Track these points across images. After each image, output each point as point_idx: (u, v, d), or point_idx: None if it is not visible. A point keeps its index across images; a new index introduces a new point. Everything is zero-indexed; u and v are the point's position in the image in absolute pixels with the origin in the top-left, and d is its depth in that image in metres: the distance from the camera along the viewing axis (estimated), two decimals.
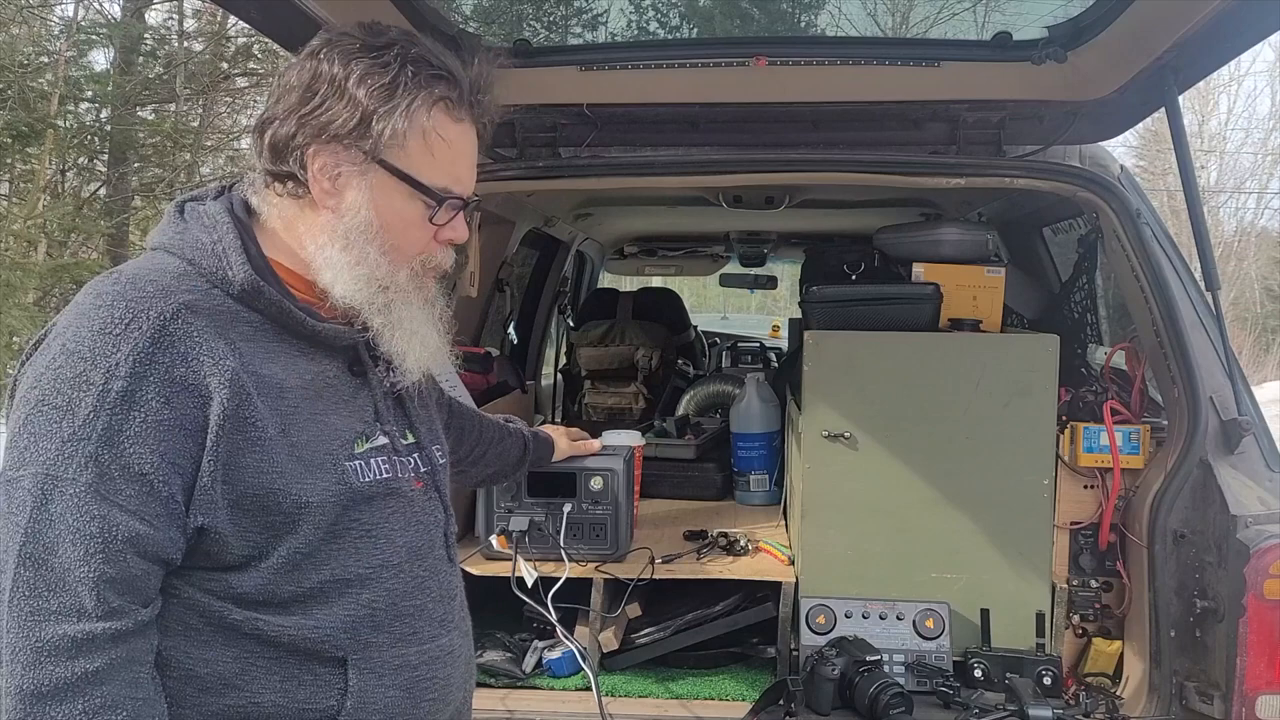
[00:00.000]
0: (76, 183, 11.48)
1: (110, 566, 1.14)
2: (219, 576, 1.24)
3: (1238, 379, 2.20)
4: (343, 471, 1.31)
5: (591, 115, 2.42)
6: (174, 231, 1.30)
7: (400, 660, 1.35)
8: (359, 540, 1.32)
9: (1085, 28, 2.10)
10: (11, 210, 9.39)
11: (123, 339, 1.16)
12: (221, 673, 1.24)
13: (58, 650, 1.12)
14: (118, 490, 1.15)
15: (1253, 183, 23.47)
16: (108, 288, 1.20)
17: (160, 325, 1.18)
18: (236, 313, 1.26)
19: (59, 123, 9.73)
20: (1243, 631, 1.96)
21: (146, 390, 1.16)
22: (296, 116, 1.29)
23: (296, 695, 1.27)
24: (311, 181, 1.30)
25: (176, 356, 1.18)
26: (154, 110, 11.85)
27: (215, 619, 1.24)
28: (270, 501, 1.24)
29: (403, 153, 1.31)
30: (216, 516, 1.21)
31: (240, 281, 1.26)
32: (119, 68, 11.09)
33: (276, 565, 1.26)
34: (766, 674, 2.33)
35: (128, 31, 11.15)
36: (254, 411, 1.22)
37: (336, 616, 1.30)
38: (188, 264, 1.26)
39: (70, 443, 1.14)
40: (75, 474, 1.14)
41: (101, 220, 10.29)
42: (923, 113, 2.40)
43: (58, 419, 1.15)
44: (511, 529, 2.32)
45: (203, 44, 12.36)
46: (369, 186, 1.31)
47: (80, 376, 1.15)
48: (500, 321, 3.75)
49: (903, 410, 2.32)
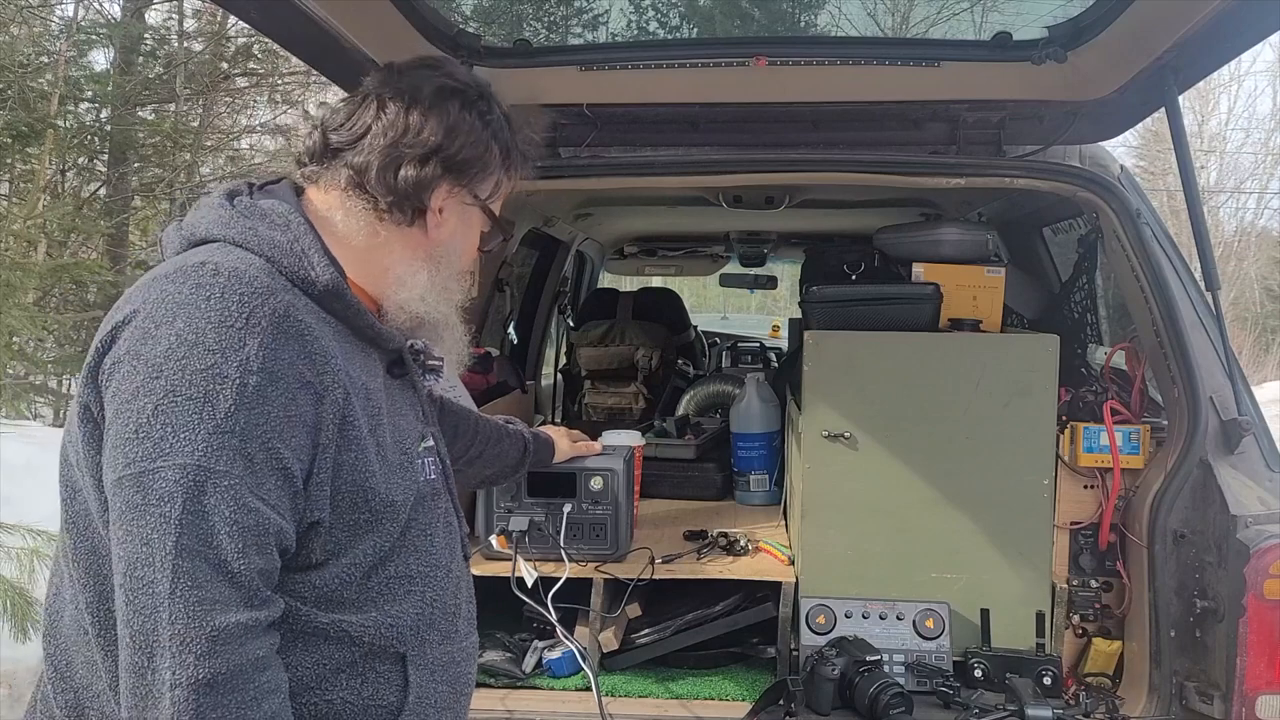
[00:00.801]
0: (76, 183, 11.47)
1: (262, 558, 1.17)
2: (302, 578, 1.26)
3: (1238, 379, 2.20)
4: (414, 470, 1.38)
5: (591, 115, 2.42)
6: (241, 226, 1.29)
7: (447, 657, 1.41)
8: (418, 539, 1.38)
9: (1085, 28, 2.10)
10: (11, 210, 9.38)
11: (247, 333, 1.17)
12: (303, 676, 1.27)
13: (232, 638, 1.13)
14: (262, 484, 1.17)
15: (1253, 183, 23.46)
16: (208, 279, 1.19)
17: (277, 321, 1.19)
18: (320, 314, 1.29)
19: (59, 123, 9.72)
20: (1243, 631, 1.96)
21: (276, 386, 1.18)
22: (440, 158, 1.39)
23: (364, 693, 1.31)
24: (430, 214, 1.41)
25: (297, 353, 1.20)
26: (154, 110, 11.84)
27: (300, 623, 1.26)
28: (361, 499, 1.28)
29: (495, 199, 1.50)
30: (324, 512, 1.25)
31: (324, 283, 1.28)
32: (119, 68, 11.08)
33: (357, 563, 1.29)
34: (766, 674, 2.33)
35: (128, 31, 11.14)
36: (352, 410, 1.26)
37: (407, 614, 1.35)
38: (266, 261, 1.26)
39: (217, 435, 1.14)
40: (228, 467, 1.14)
41: (101, 220, 10.27)
42: (923, 113, 2.40)
43: (196, 410, 1.14)
44: (511, 529, 2.32)
45: (203, 44, 12.35)
46: (465, 220, 1.47)
47: (213, 369, 1.15)
48: (500, 321, 3.75)
49: (903, 410, 2.32)
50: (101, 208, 10.84)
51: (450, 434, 1.95)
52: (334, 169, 1.38)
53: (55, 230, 9.61)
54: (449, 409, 1.97)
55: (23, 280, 7.77)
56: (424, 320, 1.44)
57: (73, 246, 10.42)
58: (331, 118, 1.41)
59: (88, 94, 10.76)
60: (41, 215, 9.02)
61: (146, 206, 11.58)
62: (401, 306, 1.42)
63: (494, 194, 1.49)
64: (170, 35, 12.45)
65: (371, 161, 1.36)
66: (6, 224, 8.54)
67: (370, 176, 1.36)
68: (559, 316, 4.80)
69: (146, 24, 11.96)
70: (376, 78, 1.43)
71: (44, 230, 9.28)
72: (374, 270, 1.41)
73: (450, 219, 1.44)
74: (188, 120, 12.20)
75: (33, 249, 9.20)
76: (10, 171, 10.11)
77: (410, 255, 1.42)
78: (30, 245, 9.18)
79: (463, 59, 2.25)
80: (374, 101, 1.39)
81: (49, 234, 9.54)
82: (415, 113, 1.38)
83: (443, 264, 1.45)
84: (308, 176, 1.41)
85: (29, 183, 9.92)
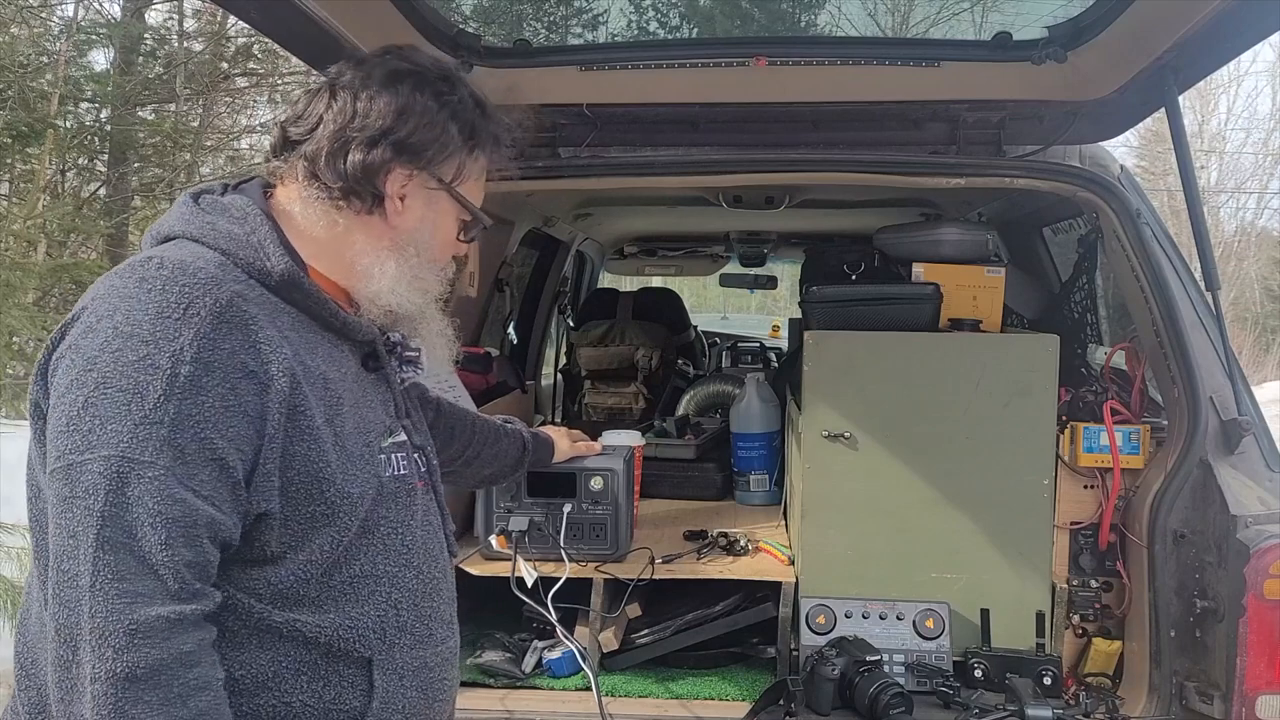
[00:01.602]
0: (76, 183, 11.47)
1: (190, 550, 1.14)
2: (257, 573, 1.25)
3: (1238, 379, 2.20)
4: (376, 464, 1.35)
5: (591, 115, 2.42)
6: (200, 221, 1.30)
7: (419, 662, 1.38)
8: (386, 537, 1.35)
9: (1085, 28, 2.10)
10: (11, 210, 9.39)
11: (184, 323, 1.16)
12: (256, 675, 1.25)
13: (152, 632, 1.11)
14: (192, 475, 1.15)
15: (1253, 183, 23.47)
16: (153, 272, 1.20)
17: (218, 311, 1.19)
18: (275, 304, 1.28)
19: (59, 123, 9.72)
20: (1243, 631, 1.96)
21: (213, 376, 1.17)
22: (390, 141, 1.35)
23: (325, 695, 1.29)
24: (389, 200, 1.38)
25: (238, 343, 1.19)
26: (154, 110, 11.84)
27: (254, 621, 1.25)
28: (316, 490, 1.26)
29: (464, 183, 1.45)
30: (272, 504, 1.23)
31: (280, 272, 1.28)
32: (119, 68, 11.08)
33: (313, 559, 1.27)
34: (766, 674, 2.33)
35: (128, 31, 11.14)
36: (304, 400, 1.24)
37: (368, 615, 1.32)
38: (222, 254, 1.27)
39: (144, 426, 1.13)
40: (153, 457, 1.13)
41: (101, 220, 10.27)
42: (923, 113, 2.40)
43: (125, 402, 1.14)
44: (511, 529, 2.32)
45: (203, 44, 12.35)
46: (432, 207, 1.43)
47: (145, 360, 1.15)
48: (500, 321, 3.74)
49: (903, 410, 2.32)
50: (101, 208, 10.84)
51: (447, 434, 1.95)
52: (292, 162, 1.38)
53: (55, 230, 9.61)
54: (446, 409, 1.96)
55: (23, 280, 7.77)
56: (398, 312, 1.41)
57: (73, 246, 10.42)
58: (290, 111, 1.41)
59: (88, 94, 10.76)
60: (41, 215, 9.02)
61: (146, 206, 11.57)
62: (373, 299, 1.39)
63: (459, 177, 1.44)
64: (170, 35, 12.45)
65: (322, 149, 1.35)
66: (6, 224, 8.54)
67: (321, 164, 1.35)
68: (559, 316, 4.79)
69: (146, 24, 11.96)
70: (335, 68, 1.42)
71: (44, 230, 9.28)
72: (341, 262, 1.39)
73: (414, 205, 1.41)
74: (188, 120, 12.20)
75: (33, 249, 9.20)
76: (10, 171, 10.11)
77: (374, 245, 1.39)
78: (30, 245, 9.18)
79: (462, 59, 2.25)
80: (328, 91, 1.38)
81: (49, 234, 9.54)
82: (364, 97, 1.36)
83: (410, 253, 1.41)
84: (273, 172, 1.41)
85: (29, 183, 9.92)
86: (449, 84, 1.41)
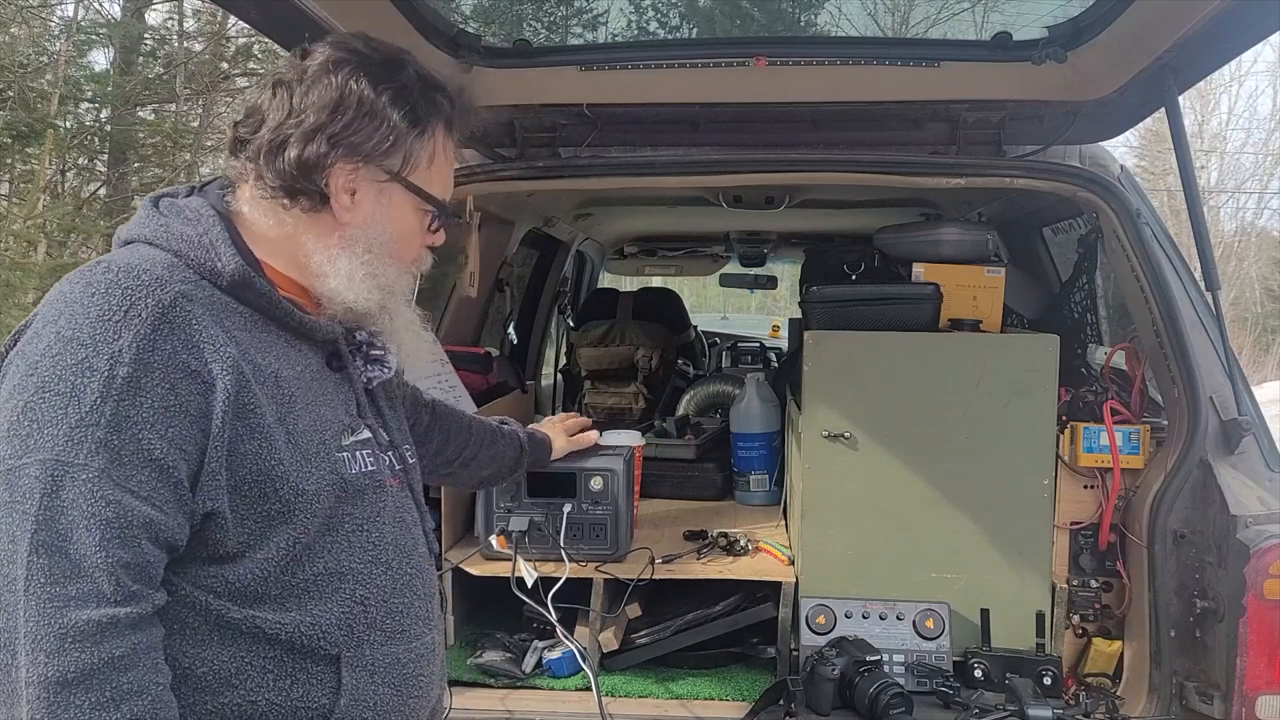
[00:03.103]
0: (76, 183, 11.48)
1: (125, 551, 1.14)
2: (215, 571, 1.24)
3: (1238, 379, 2.20)
4: (334, 461, 1.33)
5: (591, 115, 2.42)
6: (155, 224, 1.30)
7: (391, 658, 1.37)
8: (352, 534, 1.34)
9: (1085, 28, 2.10)
10: (11, 210, 9.39)
11: (124, 325, 1.16)
12: (218, 672, 1.24)
13: (83, 636, 1.10)
14: (129, 476, 1.15)
15: (1253, 183, 23.48)
16: (98, 276, 1.20)
17: (160, 312, 1.18)
18: (227, 304, 1.27)
19: (59, 123, 9.74)
20: (1243, 631, 1.96)
21: (152, 376, 1.16)
22: (326, 135, 1.32)
23: (291, 693, 1.28)
24: (334, 197, 1.34)
25: (179, 344, 1.19)
26: (154, 110, 11.85)
27: (213, 618, 1.24)
28: (269, 488, 1.25)
29: (418, 171, 1.39)
30: (220, 502, 1.22)
31: (230, 272, 1.27)
32: (119, 68, 11.09)
33: (273, 557, 1.26)
34: (766, 674, 2.33)
35: (128, 31, 11.15)
36: (253, 399, 1.24)
37: (332, 612, 1.30)
38: (174, 256, 1.27)
39: (79, 428, 1.13)
40: (87, 460, 1.13)
41: (101, 220, 10.28)
42: (923, 113, 2.40)
43: (62, 405, 1.14)
44: (511, 529, 2.32)
45: (203, 44, 12.36)
46: (385, 201, 1.38)
47: (83, 363, 1.15)
48: (500, 321, 3.75)
49: (903, 410, 2.32)
50: (101, 208, 10.84)
51: (443, 436, 1.94)
52: (243, 161, 1.36)
53: (55, 230, 9.62)
54: (441, 412, 1.96)
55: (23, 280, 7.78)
56: (357, 310, 1.38)
57: (73, 246, 10.43)
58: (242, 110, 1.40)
59: (88, 94, 10.76)
60: (41, 215, 9.03)
61: None
62: (331, 297, 1.37)
63: (408, 166, 1.38)
64: (170, 35, 12.46)
65: (262, 148, 1.33)
66: (6, 224, 8.55)
67: (262, 164, 1.33)
68: (559, 316, 4.80)
69: (146, 24, 11.97)
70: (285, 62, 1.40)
71: (44, 230, 9.29)
72: (296, 261, 1.37)
73: (365, 200, 1.36)
74: (188, 120, 12.21)
75: (33, 249, 9.21)
76: (10, 171, 10.12)
77: (324, 243, 1.36)
78: (30, 245, 9.19)
79: (462, 59, 2.25)
80: (270, 87, 1.36)
81: (49, 234, 9.55)
82: (299, 91, 1.33)
83: (360, 249, 1.36)
84: (230, 172, 1.40)
85: (29, 183, 9.93)
86: (389, 68, 1.36)
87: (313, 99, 1.32)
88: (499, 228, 3.21)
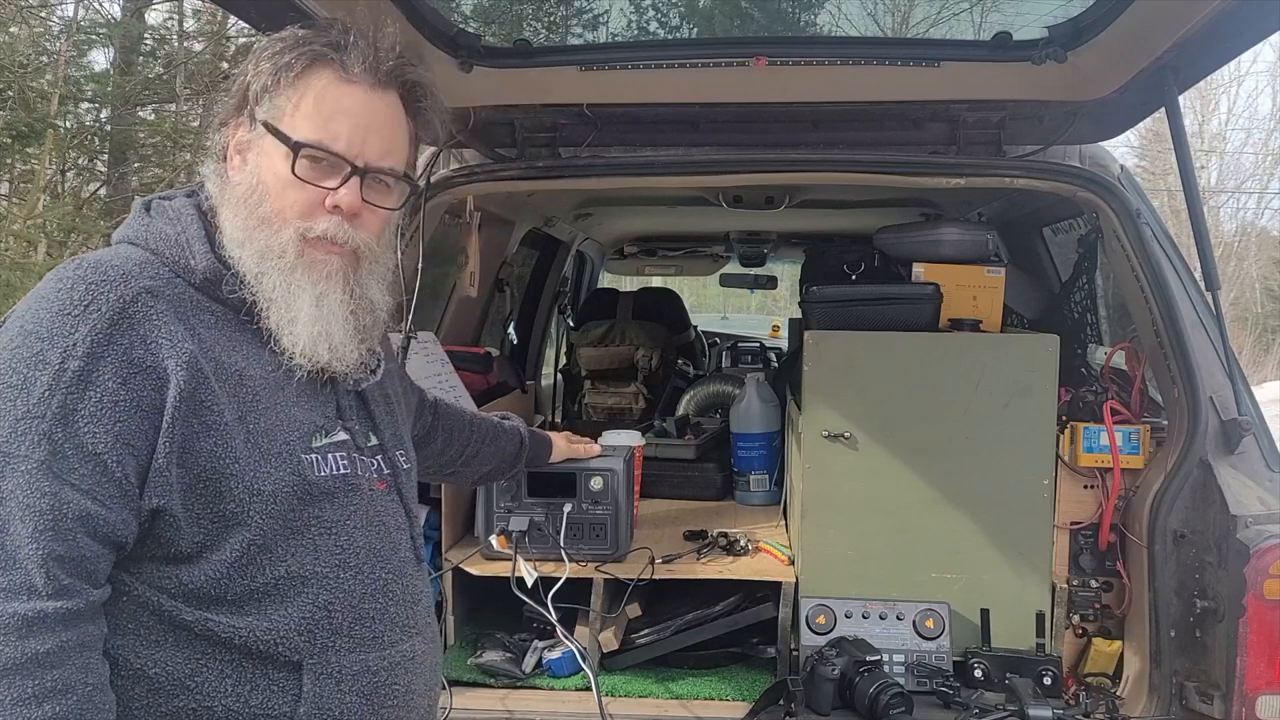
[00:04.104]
0: (76, 183, 11.48)
1: (60, 544, 1.13)
2: (170, 572, 1.23)
3: (1238, 379, 2.20)
4: (298, 463, 1.30)
5: (591, 115, 2.42)
6: (139, 225, 1.33)
7: (360, 666, 1.33)
8: (318, 537, 1.31)
9: (1085, 28, 2.10)
10: (11, 210, 9.40)
11: (81, 320, 1.17)
12: (173, 674, 1.23)
13: (7, 629, 1.09)
14: (70, 469, 1.15)
15: (1253, 183, 23.48)
16: (69, 272, 1.21)
17: (120, 307, 1.19)
18: (199, 302, 1.28)
19: (59, 123, 9.74)
20: (1243, 631, 1.96)
21: (103, 370, 1.17)
22: (233, 100, 1.37)
23: (250, 700, 1.25)
24: (229, 159, 1.36)
25: (135, 338, 1.19)
26: (154, 110, 11.85)
27: (167, 618, 1.23)
28: (224, 487, 1.23)
29: (281, 113, 1.32)
30: (170, 500, 1.21)
31: (202, 270, 1.28)
32: (119, 68, 11.09)
33: (229, 559, 1.24)
34: (766, 674, 2.33)
35: (128, 31, 11.15)
36: (211, 396, 1.23)
37: (292, 618, 1.28)
38: (151, 254, 1.28)
39: (24, 420, 1.14)
40: (28, 451, 1.13)
41: (101, 220, 10.28)
42: (923, 113, 2.40)
43: (12, 397, 1.15)
44: (511, 529, 2.32)
45: (203, 44, 12.36)
46: (258, 151, 1.34)
47: (37, 356, 1.16)
48: (500, 321, 3.75)
49: (903, 410, 2.32)
50: (101, 208, 10.84)
51: (446, 436, 1.95)
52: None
53: (55, 230, 9.62)
54: (444, 411, 1.96)
55: (23, 280, 7.78)
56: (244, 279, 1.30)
57: (73, 246, 10.43)
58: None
59: (88, 94, 10.76)
60: (41, 215, 9.03)
61: None
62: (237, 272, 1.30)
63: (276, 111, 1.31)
64: (170, 35, 12.46)
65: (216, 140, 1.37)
66: (6, 224, 8.55)
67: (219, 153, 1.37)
68: (559, 316, 4.80)
69: (146, 24, 11.97)
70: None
71: (44, 230, 9.29)
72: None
73: (250, 157, 1.34)
74: (188, 120, 12.21)
75: (33, 249, 9.21)
76: (10, 171, 10.12)
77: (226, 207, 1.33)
78: (30, 245, 9.19)
79: (462, 59, 2.25)
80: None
81: (49, 234, 9.55)
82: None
83: (243, 205, 1.31)
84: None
85: (29, 183, 9.93)
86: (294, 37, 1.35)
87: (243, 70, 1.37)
88: (499, 228, 3.21)
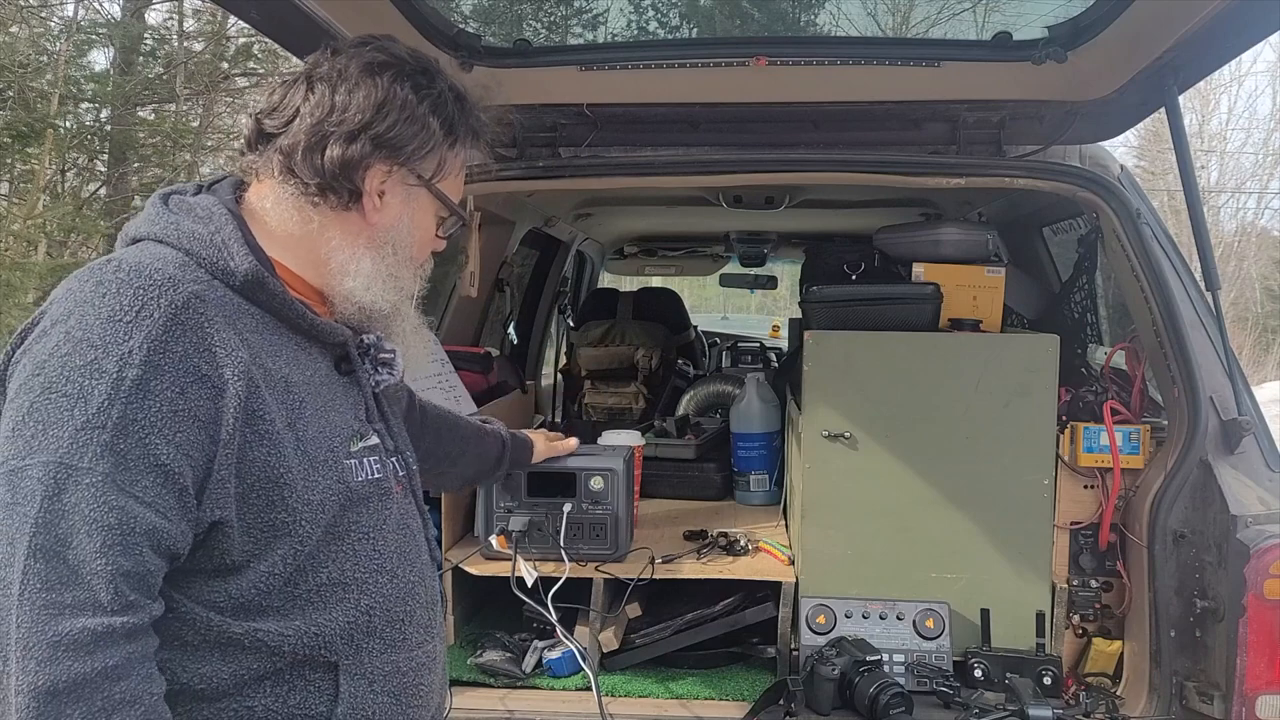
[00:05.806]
0: (76, 183, 11.48)
1: (127, 559, 1.11)
2: (219, 585, 1.22)
3: (1238, 379, 2.20)
4: (342, 469, 1.30)
5: (591, 115, 2.42)
6: (165, 222, 1.28)
7: (391, 666, 1.35)
8: (357, 542, 1.32)
9: (1085, 28, 2.10)
10: (11, 210, 9.39)
11: (135, 326, 1.14)
12: (217, 686, 1.23)
13: (76, 645, 1.08)
14: (134, 481, 1.12)
15: (1253, 183, 23.49)
16: (109, 275, 1.17)
17: (172, 314, 1.16)
18: (239, 305, 1.25)
19: (59, 123, 9.74)
20: (1243, 631, 1.96)
21: (162, 379, 1.14)
22: (369, 135, 1.33)
23: (289, 701, 1.26)
24: (366, 196, 1.36)
25: (190, 346, 1.16)
26: (154, 110, 11.85)
27: (214, 634, 1.22)
28: (276, 496, 1.22)
29: (445, 179, 1.43)
30: (228, 511, 1.19)
31: (244, 272, 1.25)
32: (119, 68, 11.09)
33: (276, 568, 1.24)
34: (766, 674, 2.33)
35: (128, 31, 11.16)
36: (263, 404, 1.21)
37: (335, 622, 1.29)
38: (185, 254, 1.24)
39: (85, 431, 1.11)
40: (91, 463, 1.10)
41: (101, 220, 10.28)
42: (923, 113, 2.40)
43: (69, 407, 1.11)
44: (511, 529, 2.32)
45: (203, 44, 12.36)
46: (411, 203, 1.40)
47: (92, 364, 1.12)
48: (500, 321, 3.75)
49: (903, 410, 2.32)
50: (101, 208, 10.85)
51: (434, 438, 1.93)
52: (268, 156, 1.35)
53: (55, 230, 9.63)
54: (431, 413, 1.95)
55: (23, 280, 7.78)
56: (371, 311, 1.39)
57: (73, 246, 10.43)
58: (266, 103, 1.38)
59: (88, 94, 10.77)
60: (41, 215, 9.03)
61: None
62: (347, 297, 1.37)
63: (439, 173, 1.41)
64: (170, 35, 12.46)
65: (299, 143, 1.32)
66: (6, 224, 8.55)
67: (297, 159, 1.32)
68: (559, 316, 4.80)
69: (146, 24, 11.97)
70: (312, 58, 1.39)
71: (44, 230, 9.29)
72: (314, 259, 1.36)
73: (393, 202, 1.38)
74: (188, 120, 12.21)
75: (33, 249, 9.22)
76: (10, 171, 10.12)
77: (350, 242, 1.36)
78: (30, 245, 9.19)
79: (462, 59, 2.25)
80: (304, 83, 1.35)
81: (49, 234, 9.55)
82: (342, 90, 1.33)
83: (387, 250, 1.38)
84: (247, 169, 1.38)
85: (29, 183, 9.93)
86: (428, 77, 1.38)
87: (357, 98, 1.33)
88: (499, 228, 3.22)
